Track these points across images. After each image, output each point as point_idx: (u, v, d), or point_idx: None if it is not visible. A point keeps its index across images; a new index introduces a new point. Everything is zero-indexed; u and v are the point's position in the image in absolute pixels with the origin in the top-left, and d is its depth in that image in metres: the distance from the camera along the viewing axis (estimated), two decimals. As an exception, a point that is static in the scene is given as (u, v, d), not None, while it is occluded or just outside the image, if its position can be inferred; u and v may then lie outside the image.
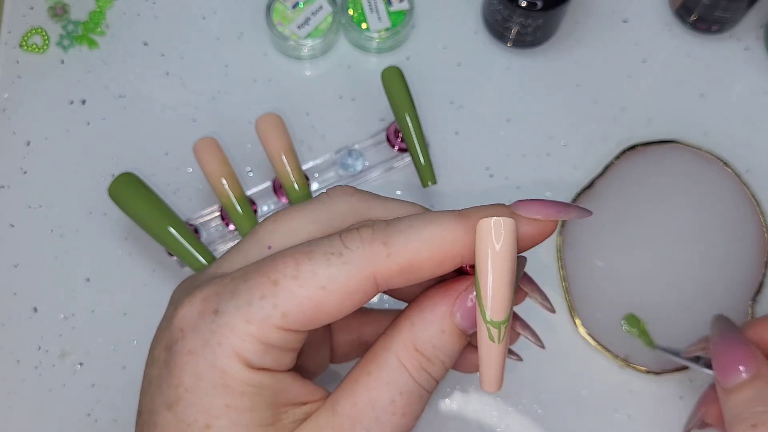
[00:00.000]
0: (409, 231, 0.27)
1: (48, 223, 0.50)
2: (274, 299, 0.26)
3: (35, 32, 0.54)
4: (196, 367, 0.27)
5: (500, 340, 0.26)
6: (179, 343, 0.27)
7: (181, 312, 0.28)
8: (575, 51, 0.53)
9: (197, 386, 0.27)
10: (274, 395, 0.27)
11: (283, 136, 0.46)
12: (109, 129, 0.52)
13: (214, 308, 0.27)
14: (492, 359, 0.27)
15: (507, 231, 0.25)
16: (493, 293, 0.26)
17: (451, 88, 0.53)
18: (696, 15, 0.52)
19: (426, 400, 0.28)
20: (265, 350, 0.27)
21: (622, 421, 0.46)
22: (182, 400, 0.27)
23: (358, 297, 0.27)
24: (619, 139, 0.51)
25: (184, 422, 0.27)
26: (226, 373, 0.26)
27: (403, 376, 0.27)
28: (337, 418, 0.27)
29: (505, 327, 0.26)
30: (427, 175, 0.47)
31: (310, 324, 0.27)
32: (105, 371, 0.48)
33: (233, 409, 0.27)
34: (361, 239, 0.27)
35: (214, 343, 0.27)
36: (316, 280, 0.26)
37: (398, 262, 0.26)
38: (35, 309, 0.49)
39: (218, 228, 0.49)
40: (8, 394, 0.47)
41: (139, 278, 0.49)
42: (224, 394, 0.26)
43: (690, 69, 0.53)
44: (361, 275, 0.26)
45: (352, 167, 0.50)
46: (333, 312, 0.27)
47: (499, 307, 0.26)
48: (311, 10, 0.52)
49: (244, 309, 0.27)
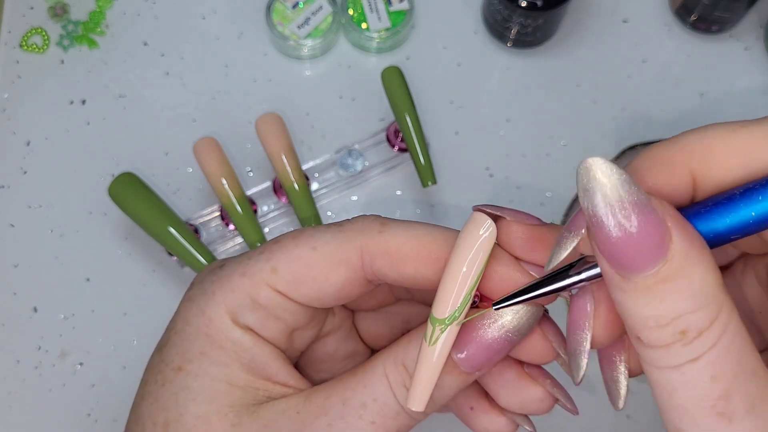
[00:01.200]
0: (405, 224, 0.28)
1: (48, 223, 0.50)
2: (269, 254, 0.28)
3: (35, 32, 0.54)
4: (188, 312, 0.28)
5: (432, 341, 0.25)
6: (186, 294, 0.29)
7: (201, 272, 0.30)
8: (575, 51, 0.53)
9: (184, 330, 0.28)
10: (252, 361, 0.28)
11: (283, 136, 0.46)
12: (109, 129, 0.52)
13: (221, 264, 0.29)
14: (420, 369, 0.25)
15: (478, 225, 0.25)
16: (441, 285, 0.25)
17: (451, 88, 0.53)
18: (696, 15, 0.52)
19: (404, 423, 0.27)
20: (252, 307, 0.28)
21: (622, 421, 0.46)
22: (169, 341, 0.28)
23: (344, 269, 0.27)
24: (619, 139, 0.51)
25: (164, 362, 0.28)
26: (211, 322, 0.28)
27: (381, 384, 0.27)
28: (306, 404, 0.27)
29: (441, 329, 0.25)
30: (427, 175, 0.47)
31: (298, 287, 0.27)
32: (105, 371, 0.48)
33: (207, 358, 0.27)
34: (364, 218, 0.28)
35: (209, 292, 0.28)
36: (310, 242, 0.27)
37: (387, 243, 0.27)
38: (35, 309, 0.49)
39: (218, 228, 0.49)
40: (8, 394, 0.47)
41: (139, 278, 0.49)
42: (204, 341, 0.27)
43: (690, 69, 0.53)
44: (351, 245, 0.27)
45: (352, 167, 0.50)
46: (320, 279, 0.27)
47: (442, 300, 0.25)
48: (311, 10, 0.52)
49: (244, 263, 0.28)
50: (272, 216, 0.49)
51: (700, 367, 0.20)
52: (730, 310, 0.20)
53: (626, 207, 0.20)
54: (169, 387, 0.27)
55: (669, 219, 0.20)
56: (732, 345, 0.20)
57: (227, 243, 0.49)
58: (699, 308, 0.20)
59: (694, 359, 0.20)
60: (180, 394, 0.27)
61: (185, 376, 0.27)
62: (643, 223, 0.20)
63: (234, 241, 0.49)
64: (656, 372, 0.21)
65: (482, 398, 0.30)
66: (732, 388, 0.20)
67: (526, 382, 0.28)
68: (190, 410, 0.27)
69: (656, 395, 0.21)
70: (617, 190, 0.20)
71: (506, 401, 0.29)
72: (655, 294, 0.20)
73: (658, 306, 0.20)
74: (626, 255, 0.20)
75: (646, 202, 0.20)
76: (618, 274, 0.20)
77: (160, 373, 0.28)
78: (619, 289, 0.20)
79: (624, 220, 0.20)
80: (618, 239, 0.20)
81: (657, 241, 0.20)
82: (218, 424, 0.27)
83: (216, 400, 0.27)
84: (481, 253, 0.25)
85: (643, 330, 0.20)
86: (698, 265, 0.20)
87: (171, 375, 0.28)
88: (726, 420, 0.20)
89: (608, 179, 0.20)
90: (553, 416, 0.47)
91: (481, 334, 0.26)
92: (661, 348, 0.20)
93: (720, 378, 0.20)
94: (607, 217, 0.20)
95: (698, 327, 0.20)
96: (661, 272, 0.20)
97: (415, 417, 0.27)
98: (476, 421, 0.30)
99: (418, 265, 0.27)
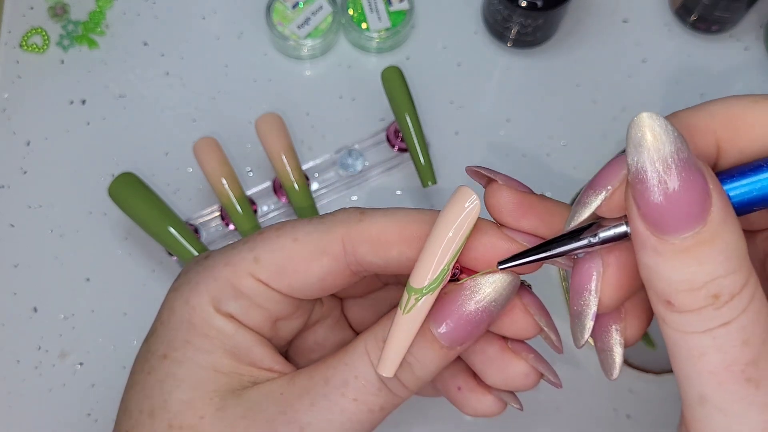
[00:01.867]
0: (384, 210, 0.28)
1: (48, 223, 0.50)
2: (253, 244, 0.28)
3: (35, 32, 0.54)
4: (174, 302, 0.29)
5: (406, 310, 0.25)
6: (172, 285, 0.30)
7: (188, 264, 0.30)
8: (575, 51, 0.53)
9: (169, 320, 0.29)
10: (235, 348, 0.28)
11: (283, 135, 0.46)
12: (109, 129, 0.52)
13: (207, 255, 0.30)
14: (392, 335, 0.25)
15: (463, 199, 0.25)
16: (421, 255, 0.25)
17: (451, 88, 0.53)
18: (696, 15, 0.52)
19: (388, 399, 0.27)
20: (235, 295, 0.28)
21: (622, 421, 0.46)
22: (156, 331, 0.29)
23: (326, 260, 0.28)
24: (619, 139, 0.51)
25: (150, 351, 0.29)
26: (195, 311, 0.28)
27: (363, 362, 0.27)
28: (290, 386, 0.28)
29: (417, 299, 0.25)
30: (427, 175, 0.47)
31: (279, 277, 0.28)
32: (105, 371, 0.48)
33: (191, 346, 0.28)
34: (344, 211, 0.29)
35: (194, 282, 0.28)
36: (292, 233, 0.28)
37: (369, 230, 0.27)
38: (35, 309, 0.49)
39: (218, 228, 0.49)
40: (8, 394, 0.47)
41: (139, 278, 0.49)
42: (188, 330, 0.28)
43: (690, 69, 0.53)
44: (331, 235, 0.28)
45: (352, 167, 0.50)
46: (301, 269, 0.28)
47: (420, 270, 0.25)
48: (311, 10, 0.52)
49: (228, 253, 0.29)
50: (272, 216, 0.49)
51: (731, 331, 0.20)
52: (756, 277, 0.20)
53: (674, 165, 0.19)
54: (155, 375, 0.28)
55: (710, 181, 0.20)
56: (761, 311, 0.20)
57: (227, 243, 0.49)
58: (732, 272, 0.20)
59: (726, 323, 0.20)
60: (165, 381, 0.28)
61: (170, 363, 0.28)
62: (689, 183, 0.19)
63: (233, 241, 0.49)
64: (684, 337, 0.20)
65: (469, 378, 0.30)
66: (761, 354, 0.20)
67: (509, 357, 0.28)
68: (175, 396, 0.27)
69: (679, 362, 0.21)
70: (668, 147, 0.19)
71: (491, 378, 0.29)
72: (693, 256, 0.20)
73: (694, 269, 0.20)
74: (669, 214, 0.19)
75: (694, 162, 0.20)
76: (654, 235, 0.20)
77: (146, 362, 0.28)
78: (653, 251, 0.20)
79: (670, 178, 0.19)
80: (662, 197, 0.19)
81: (699, 203, 0.19)
82: (203, 408, 0.27)
83: (201, 386, 0.27)
84: (464, 225, 0.25)
85: (675, 294, 0.20)
86: (733, 229, 0.20)
87: (156, 363, 0.28)
88: (753, 385, 0.20)
89: (660, 135, 0.19)
90: (553, 417, 0.47)
91: (460, 307, 0.26)
92: (692, 312, 0.20)
93: (751, 343, 0.20)
94: (653, 173, 0.19)
95: (731, 291, 0.20)
96: (701, 234, 0.20)
97: (398, 393, 0.27)
98: (464, 401, 0.30)
99: (401, 248, 0.27)
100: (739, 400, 0.20)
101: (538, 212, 0.25)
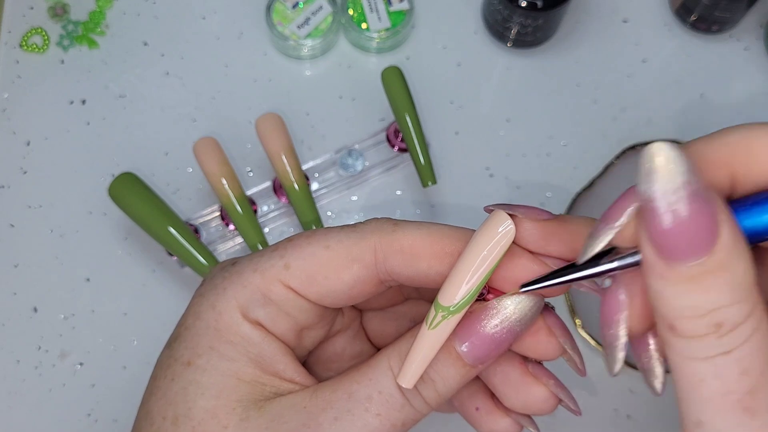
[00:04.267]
0: (417, 223, 0.28)
1: (48, 223, 0.50)
2: (283, 251, 0.28)
3: (35, 32, 0.54)
4: (199, 307, 0.28)
5: (432, 326, 0.26)
6: (198, 290, 0.29)
7: (213, 269, 0.30)
8: (575, 51, 0.53)
9: (194, 325, 0.28)
10: (260, 357, 0.28)
11: (283, 136, 0.46)
12: (109, 129, 0.52)
13: (234, 261, 0.29)
14: (415, 348, 0.26)
15: (498, 222, 0.26)
16: (451, 273, 0.26)
17: (451, 88, 0.53)
18: (696, 15, 0.52)
19: (409, 415, 0.28)
20: (263, 302, 0.28)
21: (622, 421, 0.46)
22: (179, 336, 0.28)
23: (357, 268, 0.28)
24: (619, 139, 0.51)
25: (173, 357, 0.28)
26: (221, 317, 0.28)
27: (386, 378, 0.27)
28: (313, 399, 0.28)
29: (444, 316, 0.26)
30: (427, 175, 0.47)
31: (310, 285, 0.28)
32: (105, 371, 0.48)
33: (216, 353, 0.28)
34: (376, 220, 0.29)
35: (221, 288, 0.28)
36: (324, 241, 0.28)
37: (401, 241, 0.27)
38: (35, 309, 0.49)
39: (218, 228, 0.49)
40: (8, 394, 0.47)
41: (139, 278, 0.49)
42: (213, 336, 0.28)
43: (690, 69, 0.53)
44: (364, 243, 0.28)
45: (352, 167, 0.50)
46: (332, 277, 0.28)
47: (450, 288, 0.26)
48: (311, 10, 0.52)
49: (257, 259, 0.28)
50: (272, 216, 0.49)
51: (731, 360, 0.20)
52: (762, 308, 0.21)
53: (684, 194, 0.20)
54: (179, 381, 0.28)
55: (720, 211, 0.20)
56: (763, 342, 0.20)
57: (227, 243, 0.49)
58: (736, 302, 0.20)
59: (727, 352, 0.20)
60: (189, 388, 0.27)
61: (194, 370, 0.28)
62: (698, 212, 0.20)
63: (234, 241, 0.49)
64: (685, 363, 0.21)
65: (488, 399, 0.31)
66: (759, 385, 0.20)
67: (530, 381, 0.29)
68: (199, 404, 0.27)
69: (679, 386, 0.21)
70: (679, 178, 0.20)
71: (510, 401, 0.29)
72: (698, 284, 0.20)
73: (699, 296, 0.20)
74: (676, 241, 0.20)
75: (704, 192, 0.20)
76: (662, 261, 0.20)
77: (169, 368, 0.28)
78: (660, 277, 0.20)
79: (679, 207, 0.20)
80: (670, 225, 0.20)
81: (707, 232, 0.20)
82: (226, 418, 0.27)
83: (224, 395, 0.27)
84: (497, 248, 0.25)
85: (678, 319, 0.21)
86: (741, 260, 0.20)
87: (180, 370, 0.28)
88: (749, 414, 0.20)
89: (672, 166, 0.20)
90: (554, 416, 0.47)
91: (485, 326, 0.26)
92: (694, 338, 0.20)
93: (749, 373, 0.20)
94: (663, 201, 0.20)
95: (734, 321, 0.20)
96: (707, 263, 0.20)
97: (420, 410, 0.28)
98: (481, 421, 0.31)
99: (431, 261, 0.27)
100: (733, 428, 0.20)
101: (561, 237, 0.26)
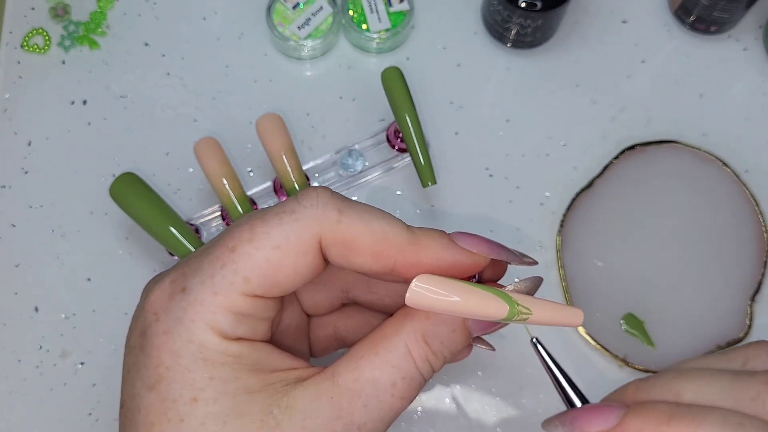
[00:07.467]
0: (364, 215, 0.28)
1: (49, 222, 0.50)
2: (234, 265, 0.27)
3: (36, 33, 0.54)
4: (173, 345, 0.27)
5: (512, 317, 0.29)
6: (153, 326, 0.28)
7: (152, 297, 0.29)
8: (575, 51, 0.54)
9: (177, 363, 0.27)
10: (256, 363, 0.28)
11: (284, 136, 0.46)
12: (110, 129, 0.52)
13: (182, 287, 0.28)
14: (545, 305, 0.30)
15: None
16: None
17: (451, 88, 0.53)
18: (695, 16, 0.52)
19: (422, 386, 0.30)
20: (237, 319, 0.28)
21: (622, 420, 0.46)
22: (164, 379, 0.27)
23: (310, 258, 0.28)
24: (619, 139, 0.51)
25: (168, 400, 0.27)
26: (204, 347, 0.27)
27: (408, 363, 0.29)
28: (337, 388, 0.28)
29: (521, 319, 0.29)
30: (427, 175, 0.47)
31: (272, 288, 0.28)
32: (106, 371, 0.48)
33: (218, 380, 0.27)
34: (317, 197, 0.28)
35: (187, 320, 0.27)
36: (270, 240, 0.28)
37: (344, 234, 0.28)
38: (36, 309, 0.49)
39: (219, 228, 0.49)
40: (9, 393, 0.47)
41: (140, 278, 0.49)
42: (206, 367, 0.27)
43: (689, 69, 0.53)
44: (310, 233, 0.28)
45: (352, 167, 0.50)
46: (290, 274, 0.28)
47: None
48: (311, 11, 0.52)
49: (209, 282, 0.28)
50: (273, 216, 0.50)
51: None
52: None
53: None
54: (191, 420, 0.27)
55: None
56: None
57: (228, 243, 0.49)
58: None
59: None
60: (207, 422, 0.27)
61: (204, 404, 0.27)
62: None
63: (234, 241, 0.49)
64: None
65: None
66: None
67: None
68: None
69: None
70: None
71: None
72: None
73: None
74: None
75: None
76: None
77: (170, 411, 0.27)
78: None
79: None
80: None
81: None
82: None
83: (245, 414, 0.27)
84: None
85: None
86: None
87: (187, 409, 0.27)
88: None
89: None
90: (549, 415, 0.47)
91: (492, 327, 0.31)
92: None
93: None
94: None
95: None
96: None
97: (428, 380, 0.30)
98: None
99: (367, 259, 0.28)
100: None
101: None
